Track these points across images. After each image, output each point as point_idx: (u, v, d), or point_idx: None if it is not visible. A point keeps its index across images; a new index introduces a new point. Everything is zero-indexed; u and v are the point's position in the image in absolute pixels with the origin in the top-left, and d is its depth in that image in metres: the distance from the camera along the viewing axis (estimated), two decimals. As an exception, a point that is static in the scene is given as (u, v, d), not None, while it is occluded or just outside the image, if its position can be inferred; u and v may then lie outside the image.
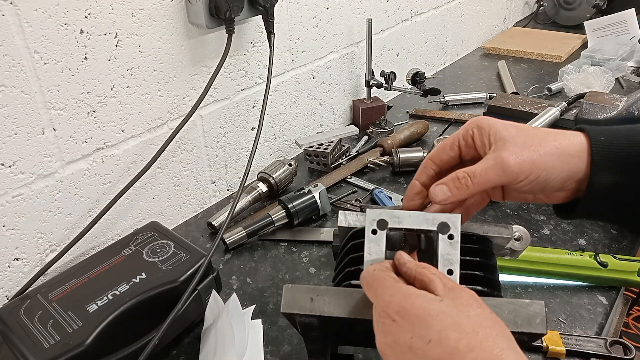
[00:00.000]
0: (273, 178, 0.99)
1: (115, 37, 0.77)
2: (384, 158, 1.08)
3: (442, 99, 1.37)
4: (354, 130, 1.19)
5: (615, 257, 0.76)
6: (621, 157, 0.45)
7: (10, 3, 0.65)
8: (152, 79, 0.84)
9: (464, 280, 0.49)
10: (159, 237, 0.76)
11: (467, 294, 0.42)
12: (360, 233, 0.53)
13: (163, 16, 0.82)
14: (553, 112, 1.09)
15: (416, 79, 1.25)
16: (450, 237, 0.48)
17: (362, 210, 0.56)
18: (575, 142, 0.46)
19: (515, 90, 1.40)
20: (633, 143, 0.46)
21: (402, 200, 0.96)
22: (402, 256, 0.47)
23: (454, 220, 0.49)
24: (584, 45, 1.69)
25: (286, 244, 0.90)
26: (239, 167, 1.05)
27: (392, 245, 0.53)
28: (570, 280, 0.77)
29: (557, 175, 0.46)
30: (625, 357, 0.66)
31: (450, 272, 0.48)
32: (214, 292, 0.71)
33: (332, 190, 1.04)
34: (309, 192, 0.93)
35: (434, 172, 0.51)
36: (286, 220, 0.91)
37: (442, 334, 0.39)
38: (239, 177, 1.06)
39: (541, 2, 2.01)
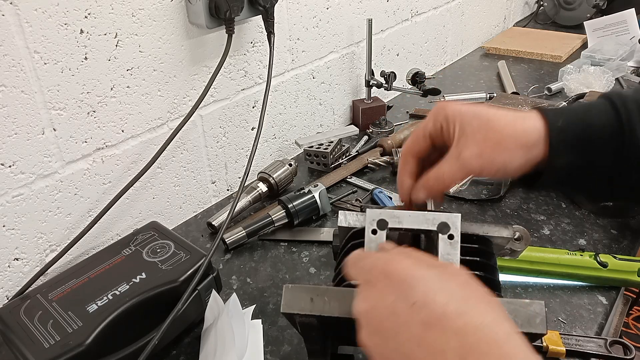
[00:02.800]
0: (273, 178, 0.99)
1: (115, 37, 0.77)
2: (384, 158, 1.08)
3: (442, 99, 1.37)
4: (354, 130, 1.19)
5: (615, 257, 0.76)
6: (577, 140, 0.48)
7: (10, 3, 0.65)
8: (152, 79, 0.84)
9: (464, 280, 0.49)
10: (159, 237, 0.76)
11: (457, 267, 0.41)
12: (360, 233, 0.53)
13: (163, 16, 0.82)
14: (553, 112, 1.09)
15: (416, 79, 1.25)
16: (450, 237, 0.48)
17: (362, 210, 0.56)
18: (534, 130, 0.48)
19: (515, 90, 1.40)
20: (588, 125, 0.48)
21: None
22: (387, 244, 0.47)
23: (454, 220, 0.49)
24: (584, 45, 1.69)
25: (286, 244, 0.90)
26: (239, 167, 1.05)
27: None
28: (570, 280, 0.77)
29: (515, 165, 0.49)
30: (625, 357, 0.66)
31: (450, 272, 0.48)
32: (214, 292, 0.71)
33: (332, 190, 1.04)
34: (309, 192, 0.93)
35: (414, 163, 0.54)
36: (286, 220, 0.91)
37: (428, 297, 0.36)
38: (239, 177, 1.06)
39: (541, 2, 2.01)
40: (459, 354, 0.34)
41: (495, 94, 1.35)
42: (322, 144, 1.10)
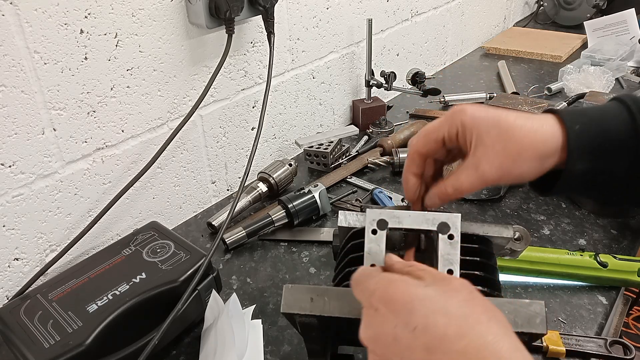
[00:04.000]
0: (273, 178, 0.99)
1: (115, 37, 0.77)
2: (384, 158, 1.08)
3: (442, 99, 1.37)
4: (354, 130, 1.19)
5: (615, 257, 0.76)
6: (594, 146, 0.48)
7: (10, 3, 0.65)
8: (152, 79, 0.84)
9: (464, 280, 0.49)
10: (159, 237, 0.76)
11: (459, 281, 0.41)
12: (360, 233, 0.53)
13: (163, 16, 0.82)
14: (553, 112, 1.09)
15: (416, 79, 1.25)
16: (450, 237, 0.48)
17: (362, 210, 0.56)
18: (553, 139, 0.48)
19: (515, 90, 1.40)
20: (604, 130, 0.48)
21: (402, 200, 0.96)
22: (391, 257, 0.47)
23: (454, 220, 0.49)
24: (584, 45, 1.69)
25: (286, 244, 0.90)
26: (239, 167, 1.05)
27: (392, 245, 0.53)
28: (570, 280, 0.77)
29: (532, 174, 0.49)
30: (625, 357, 0.66)
31: (450, 272, 0.48)
32: (214, 292, 0.71)
33: (332, 190, 1.04)
34: (309, 192, 0.93)
35: (422, 162, 0.53)
36: (286, 220, 0.91)
37: (429, 320, 0.36)
38: (239, 177, 1.06)
39: (541, 2, 2.01)
40: None
41: (495, 94, 1.35)
42: (322, 144, 1.10)
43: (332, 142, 1.10)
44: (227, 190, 1.05)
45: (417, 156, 0.53)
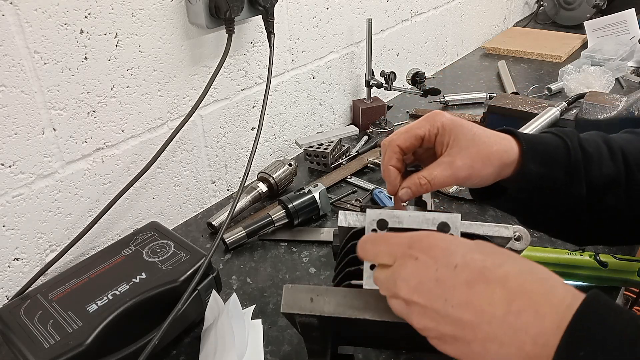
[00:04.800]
0: (273, 178, 0.99)
1: (115, 37, 0.77)
2: (384, 158, 1.08)
3: (442, 99, 1.37)
4: (354, 130, 1.19)
5: (615, 257, 0.76)
6: (541, 154, 0.57)
7: (10, 3, 0.65)
8: (152, 79, 0.84)
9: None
10: (159, 237, 0.76)
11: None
12: (360, 233, 0.53)
13: (163, 16, 0.82)
14: (553, 112, 1.09)
15: (416, 79, 1.25)
16: (451, 237, 0.48)
17: (362, 210, 0.56)
18: (512, 151, 0.56)
19: (515, 90, 1.40)
20: (546, 144, 0.57)
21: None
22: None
23: (454, 220, 0.49)
24: (584, 45, 1.69)
25: (286, 244, 0.90)
26: (239, 167, 1.05)
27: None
28: (570, 280, 0.77)
29: (492, 179, 0.56)
30: (625, 357, 0.65)
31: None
32: (214, 292, 0.71)
33: (332, 190, 1.04)
34: (309, 192, 0.93)
35: (401, 156, 0.57)
36: (286, 220, 0.91)
37: (467, 257, 0.40)
38: (239, 177, 1.06)
39: (541, 2, 2.01)
40: (505, 301, 0.37)
41: (495, 94, 1.35)
42: (322, 144, 1.10)
43: (332, 142, 1.10)
44: (227, 190, 1.05)
45: (397, 149, 0.56)
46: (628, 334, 0.34)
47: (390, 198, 0.98)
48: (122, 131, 0.83)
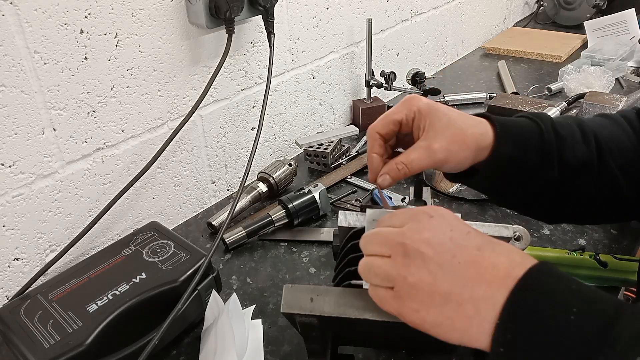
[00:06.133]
0: (273, 178, 0.99)
1: (115, 37, 0.77)
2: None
3: (442, 99, 1.37)
4: (354, 130, 1.19)
5: (615, 257, 0.76)
6: (515, 135, 0.57)
7: (10, 3, 0.65)
8: (152, 79, 0.84)
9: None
10: (159, 237, 0.76)
11: None
12: (360, 233, 0.53)
13: (163, 16, 0.82)
14: (553, 112, 1.09)
15: (416, 79, 1.25)
16: (450, 237, 0.48)
17: (362, 210, 0.56)
18: (487, 134, 0.56)
19: (515, 90, 1.40)
20: (520, 127, 0.58)
21: (402, 200, 0.96)
22: None
23: (454, 220, 0.49)
24: (584, 45, 1.69)
25: (286, 244, 0.90)
26: (239, 167, 1.05)
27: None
28: (570, 280, 0.77)
29: (469, 162, 0.56)
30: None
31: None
32: (214, 292, 0.71)
33: (332, 190, 1.04)
34: (309, 192, 0.93)
35: (382, 143, 0.58)
36: (286, 220, 0.91)
37: (478, 230, 0.45)
38: (239, 177, 1.06)
39: (541, 2, 2.01)
40: (508, 266, 0.41)
41: (495, 94, 1.35)
42: (322, 144, 1.10)
43: (332, 142, 1.10)
44: (227, 190, 1.05)
45: (378, 137, 0.57)
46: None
47: (391, 198, 0.98)
48: (122, 131, 0.83)
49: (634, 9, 1.62)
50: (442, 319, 0.41)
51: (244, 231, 0.88)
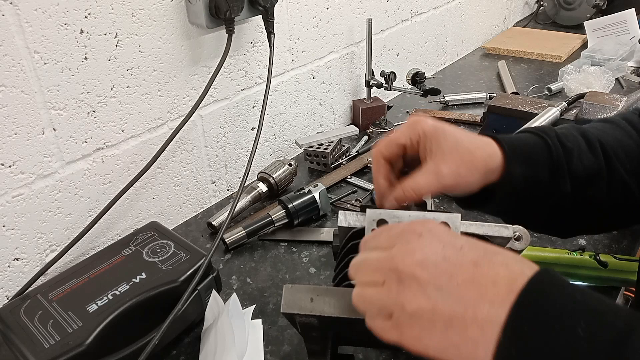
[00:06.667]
0: (273, 178, 0.99)
1: (115, 37, 0.77)
2: (384, 158, 1.08)
3: (442, 99, 1.37)
4: (354, 130, 1.19)
5: (615, 257, 0.76)
6: (524, 155, 0.56)
7: (10, 3, 0.65)
8: (152, 79, 0.84)
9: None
10: (159, 237, 0.76)
11: None
12: (360, 233, 0.53)
13: (163, 16, 0.82)
14: (553, 112, 1.09)
15: (416, 79, 1.25)
16: (450, 237, 0.48)
17: (362, 210, 0.56)
18: (496, 156, 0.55)
19: (515, 90, 1.40)
20: (528, 145, 0.57)
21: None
22: None
23: (454, 220, 0.49)
24: (584, 45, 1.69)
25: (286, 244, 0.90)
26: (239, 167, 1.05)
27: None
28: (570, 280, 0.77)
29: (478, 185, 0.55)
30: (625, 357, 0.65)
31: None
32: (214, 292, 0.71)
33: (332, 190, 1.04)
34: (309, 192, 0.93)
35: (388, 166, 0.57)
36: (286, 220, 0.91)
37: (470, 241, 0.42)
38: (239, 177, 1.06)
39: (541, 2, 2.01)
40: (508, 280, 0.38)
41: (495, 94, 1.35)
42: (322, 144, 1.10)
43: (332, 142, 1.10)
44: (227, 190, 1.05)
45: (383, 160, 0.56)
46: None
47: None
48: (122, 131, 0.83)
49: (634, 9, 1.62)
50: (446, 344, 0.38)
51: (244, 231, 0.88)
